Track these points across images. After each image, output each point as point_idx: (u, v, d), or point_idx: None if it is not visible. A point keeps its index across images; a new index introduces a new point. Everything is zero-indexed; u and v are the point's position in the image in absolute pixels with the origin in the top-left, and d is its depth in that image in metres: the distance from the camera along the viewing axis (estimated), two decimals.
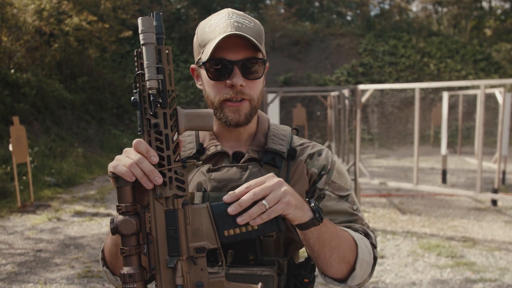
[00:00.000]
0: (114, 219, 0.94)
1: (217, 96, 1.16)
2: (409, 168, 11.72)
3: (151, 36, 0.92)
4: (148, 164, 0.93)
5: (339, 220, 1.21)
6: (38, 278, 4.68)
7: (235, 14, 1.17)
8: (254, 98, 1.18)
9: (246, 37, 1.11)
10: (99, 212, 7.47)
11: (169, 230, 0.95)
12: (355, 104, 7.28)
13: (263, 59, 1.17)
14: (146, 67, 0.91)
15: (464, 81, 7.61)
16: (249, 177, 1.14)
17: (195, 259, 0.96)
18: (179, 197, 0.95)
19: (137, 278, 0.93)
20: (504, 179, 9.73)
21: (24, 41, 14.62)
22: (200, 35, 1.19)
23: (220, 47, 1.12)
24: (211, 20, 1.18)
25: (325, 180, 1.24)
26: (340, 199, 1.24)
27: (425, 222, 6.75)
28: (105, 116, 16.66)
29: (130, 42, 21.71)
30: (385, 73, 22.03)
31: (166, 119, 0.95)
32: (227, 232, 0.98)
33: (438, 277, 4.68)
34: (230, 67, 1.14)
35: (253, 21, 1.19)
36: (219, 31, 1.13)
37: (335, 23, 26.20)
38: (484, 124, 6.91)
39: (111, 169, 0.96)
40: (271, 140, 1.23)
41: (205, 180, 1.17)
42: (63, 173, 10.13)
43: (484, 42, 24.81)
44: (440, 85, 7.62)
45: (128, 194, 0.95)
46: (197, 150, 1.23)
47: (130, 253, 0.94)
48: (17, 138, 7.31)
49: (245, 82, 1.14)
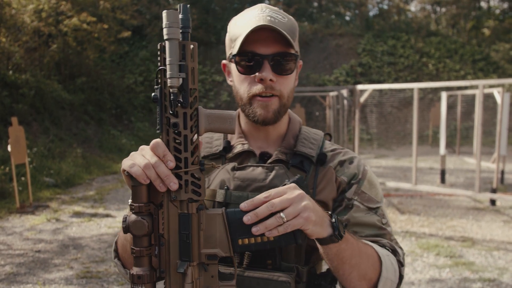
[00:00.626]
0: (127, 218, 0.92)
1: (246, 91, 1.13)
2: (408, 168, 11.72)
3: (175, 31, 0.88)
4: (164, 168, 0.90)
5: (366, 233, 1.16)
6: (37, 278, 4.67)
7: (269, 8, 1.14)
8: (284, 94, 1.14)
9: (278, 31, 1.08)
10: (98, 212, 7.46)
11: (181, 234, 0.93)
12: (354, 104, 7.28)
13: (295, 54, 1.14)
14: (168, 64, 0.88)
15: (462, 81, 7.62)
16: (274, 179, 1.11)
17: (206, 266, 0.94)
18: (194, 201, 0.93)
19: (146, 280, 0.92)
20: (503, 179, 9.74)
21: (23, 41, 14.61)
22: (231, 30, 1.16)
23: (251, 40, 1.09)
24: (244, 14, 1.16)
25: (355, 190, 1.18)
26: (369, 211, 1.18)
27: (424, 222, 6.75)
28: (104, 116, 16.65)
29: (129, 42, 21.70)
30: (383, 73, 22.06)
31: (186, 119, 0.91)
32: (241, 241, 0.95)
33: (436, 277, 4.69)
34: (260, 61, 1.10)
35: (286, 16, 1.15)
36: (251, 24, 1.09)
37: (334, 23, 26.23)
38: (482, 124, 6.92)
39: (126, 168, 0.92)
40: (301, 143, 1.19)
41: (229, 178, 1.13)
42: (62, 173, 10.12)
43: (483, 42, 24.85)
44: (439, 85, 7.63)
45: (143, 194, 0.92)
46: (224, 148, 1.20)
47: (141, 254, 0.92)
48: (16, 139, 7.30)
49: (275, 77, 1.11)
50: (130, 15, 18.74)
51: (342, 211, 1.18)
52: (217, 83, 21.39)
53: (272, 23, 1.09)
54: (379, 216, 1.19)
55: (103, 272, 4.82)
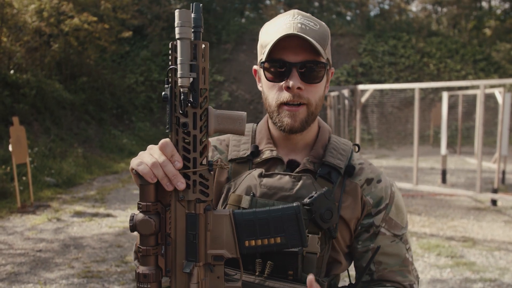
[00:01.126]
0: (134, 217, 0.92)
1: (274, 99, 1.13)
2: (409, 168, 11.72)
3: (187, 31, 0.88)
4: (172, 168, 0.90)
5: (390, 264, 1.17)
6: (38, 278, 4.68)
7: (301, 15, 1.14)
8: (312, 103, 1.13)
9: (307, 39, 1.07)
10: (99, 212, 7.46)
11: (188, 234, 0.93)
12: (355, 104, 7.28)
13: (325, 63, 1.13)
14: (179, 64, 0.88)
15: (463, 81, 7.62)
16: (301, 189, 1.10)
17: (212, 267, 0.94)
18: (201, 202, 0.93)
19: (151, 279, 0.92)
20: (504, 179, 9.73)
21: (24, 41, 14.63)
22: (262, 36, 1.16)
23: (280, 47, 1.09)
24: (276, 20, 1.15)
25: (383, 216, 1.17)
26: (394, 237, 1.18)
27: (425, 222, 6.75)
28: (105, 116, 16.66)
29: (130, 42, 21.71)
30: (384, 73, 22.05)
31: (195, 119, 0.91)
32: (248, 242, 0.95)
33: (438, 277, 4.68)
34: (288, 69, 1.10)
35: (319, 23, 1.15)
36: (281, 31, 1.09)
37: (334, 23, 26.20)
38: (483, 124, 6.92)
39: (134, 166, 0.93)
40: (329, 154, 1.17)
41: (256, 184, 1.13)
42: (63, 173, 10.13)
43: (484, 42, 24.83)
44: (440, 85, 7.63)
45: (151, 193, 0.92)
46: (252, 152, 1.19)
47: (147, 253, 0.92)
48: (17, 139, 7.30)
49: (303, 86, 1.10)
50: (131, 14, 18.75)
51: (369, 238, 1.18)
52: (218, 83, 21.39)
53: (303, 30, 1.09)
54: (404, 243, 1.20)
55: (104, 272, 4.82)
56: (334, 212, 1.06)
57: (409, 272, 1.19)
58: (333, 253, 1.13)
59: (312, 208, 1.05)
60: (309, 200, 1.06)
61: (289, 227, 0.97)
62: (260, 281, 1.06)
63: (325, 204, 1.06)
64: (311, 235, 1.07)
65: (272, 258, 1.06)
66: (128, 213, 7.43)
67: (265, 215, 0.97)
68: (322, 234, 1.09)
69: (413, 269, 1.21)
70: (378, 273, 1.18)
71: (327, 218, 1.06)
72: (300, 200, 1.08)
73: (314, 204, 1.05)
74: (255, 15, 27.48)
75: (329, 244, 1.11)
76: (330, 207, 1.06)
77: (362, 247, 1.18)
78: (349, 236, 1.17)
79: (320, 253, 1.10)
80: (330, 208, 1.06)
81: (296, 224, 0.97)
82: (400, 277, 1.18)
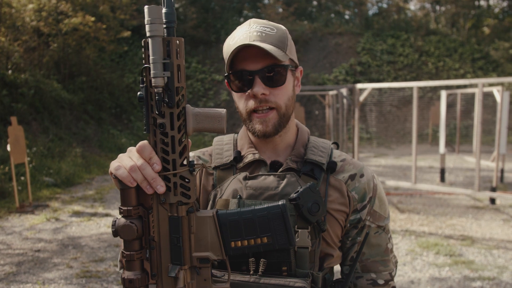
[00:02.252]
0: (116, 222, 0.90)
1: (244, 108, 1.16)
2: (408, 167, 11.73)
3: (158, 28, 0.84)
4: (151, 171, 0.89)
5: (372, 255, 1.23)
6: (37, 278, 4.67)
7: (256, 23, 1.16)
8: (281, 105, 1.15)
9: (260, 47, 1.09)
10: (97, 212, 7.46)
11: (172, 237, 0.91)
12: (353, 103, 7.28)
13: (285, 65, 1.14)
14: (151, 63, 0.84)
15: (462, 80, 7.62)
16: (286, 186, 1.12)
17: (198, 269, 0.93)
18: (183, 204, 0.91)
19: (137, 284, 0.90)
20: (502, 177, 9.74)
21: (22, 41, 14.60)
22: (225, 49, 1.19)
23: (241, 58, 1.13)
24: (235, 33, 1.18)
25: (368, 210, 1.22)
26: (378, 229, 1.24)
27: (424, 221, 6.75)
28: (104, 116, 16.65)
29: (128, 41, 21.69)
30: (383, 72, 22.05)
31: (173, 119, 0.88)
32: (234, 243, 0.94)
33: (436, 275, 4.69)
34: (251, 77, 1.13)
35: (276, 27, 1.17)
36: (238, 42, 1.12)
37: (333, 22, 26.22)
38: (482, 123, 6.92)
39: (112, 170, 0.91)
40: (310, 151, 1.20)
41: (241, 187, 1.15)
42: (62, 173, 10.12)
43: (482, 40, 24.84)
44: (438, 83, 7.62)
45: (131, 197, 0.90)
46: (235, 158, 1.21)
47: (131, 258, 0.90)
48: (15, 138, 7.30)
49: (267, 90, 1.13)
50: (130, 14, 18.73)
51: (357, 233, 1.23)
52: (217, 82, 21.38)
53: (260, 37, 1.12)
54: (386, 232, 1.26)
55: (102, 272, 4.82)
56: (321, 205, 1.08)
57: (389, 260, 1.25)
58: (325, 246, 1.16)
59: (299, 203, 1.06)
60: (295, 195, 1.06)
61: (275, 226, 0.96)
62: (255, 280, 1.06)
63: (311, 197, 1.07)
64: (300, 230, 1.09)
65: (265, 256, 1.07)
66: None
67: (250, 215, 0.96)
68: (312, 228, 1.11)
69: (392, 256, 1.27)
70: (361, 263, 1.23)
71: (314, 211, 1.07)
72: (286, 197, 1.10)
73: (300, 198, 1.06)
74: (254, 14, 27.46)
75: (320, 238, 1.13)
76: (317, 200, 1.07)
77: (350, 242, 1.23)
78: (340, 229, 1.20)
79: (312, 247, 1.11)
80: (316, 201, 1.07)
81: (282, 223, 0.96)
82: (382, 267, 1.23)
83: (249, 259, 1.05)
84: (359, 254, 1.19)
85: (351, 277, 1.20)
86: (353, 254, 1.23)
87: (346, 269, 1.24)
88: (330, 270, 1.21)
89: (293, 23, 24.77)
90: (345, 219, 1.20)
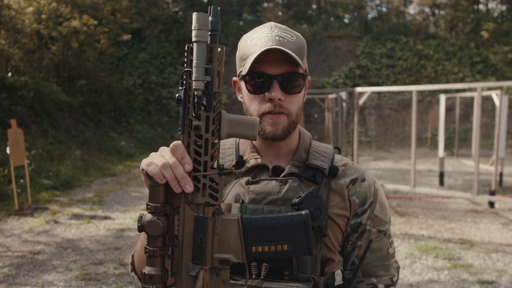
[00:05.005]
0: (142, 217, 0.93)
1: (256, 110, 1.16)
2: (407, 171, 11.73)
3: (204, 34, 0.88)
4: (181, 170, 0.91)
5: (372, 259, 1.23)
6: (36, 281, 4.67)
7: (278, 28, 1.17)
8: (293, 112, 1.17)
9: (286, 52, 1.10)
10: (96, 214, 7.46)
11: (196, 237, 0.93)
12: (353, 107, 7.30)
13: (303, 74, 1.16)
14: (194, 66, 0.88)
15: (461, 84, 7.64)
16: (288, 191, 1.13)
17: (218, 271, 0.94)
18: (210, 205, 0.93)
19: (156, 280, 0.92)
20: (501, 181, 9.76)
21: (22, 43, 14.61)
22: (242, 48, 1.19)
23: (260, 61, 1.12)
24: (254, 33, 1.18)
25: (368, 214, 1.22)
26: (379, 233, 1.24)
27: (423, 224, 6.76)
28: (103, 118, 16.65)
29: (128, 44, 21.71)
30: (382, 75, 22.09)
31: (208, 123, 0.91)
32: (255, 248, 0.95)
33: (435, 279, 4.69)
34: (269, 81, 1.13)
35: (295, 35, 1.18)
36: (260, 45, 1.13)
37: (332, 25, 26.26)
38: (481, 127, 6.94)
39: (144, 166, 0.94)
40: (312, 156, 1.21)
41: (244, 192, 1.15)
42: (61, 175, 10.11)
43: (481, 44, 24.89)
44: (437, 87, 7.64)
45: (160, 194, 0.93)
46: (237, 162, 1.22)
47: (154, 254, 0.93)
48: (15, 141, 7.30)
49: (283, 96, 1.14)
50: (130, 17, 18.75)
51: (358, 237, 1.23)
52: None
53: (281, 43, 1.13)
54: (388, 237, 1.26)
55: (102, 274, 4.82)
56: (322, 210, 1.08)
57: (390, 265, 1.25)
58: (326, 251, 1.16)
59: (301, 208, 1.07)
60: (298, 200, 1.07)
61: (297, 234, 0.98)
62: (257, 284, 1.07)
63: (313, 202, 1.07)
64: None
65: (267, 261, 1.07)
66: (126, 215, 7.42)
67: (274, 222, 0.98)
68: (313, 232, 1.11)
69: (394, 261, 1.27)
70: (362, 267, 1.23)
71: (316, 216, 1.07)
72: (288, 202, 1.11)
73: (302, 203, 1.07)
74: (253, 18, 27.49)
75: (321, 243, 1.13)
76: (319, 205, 1.08)
77: (350, 246, 1.23)
78: (341, 234, 1.20)
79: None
80: (318, 206, 1.07)
81: (304, 232, 0.98)
82: (382, 272, 1.23)
83: (251, 263, 1.05)
84: (363, 259, 1.19)
85: (354, 283, 1.21)
86: (354, 258, 1.23)
87: (348, 274, 1.24)
88: (332, 275, 1.22)
89: (292, 26, 24.79)
90: (345, 223, 1.20)
